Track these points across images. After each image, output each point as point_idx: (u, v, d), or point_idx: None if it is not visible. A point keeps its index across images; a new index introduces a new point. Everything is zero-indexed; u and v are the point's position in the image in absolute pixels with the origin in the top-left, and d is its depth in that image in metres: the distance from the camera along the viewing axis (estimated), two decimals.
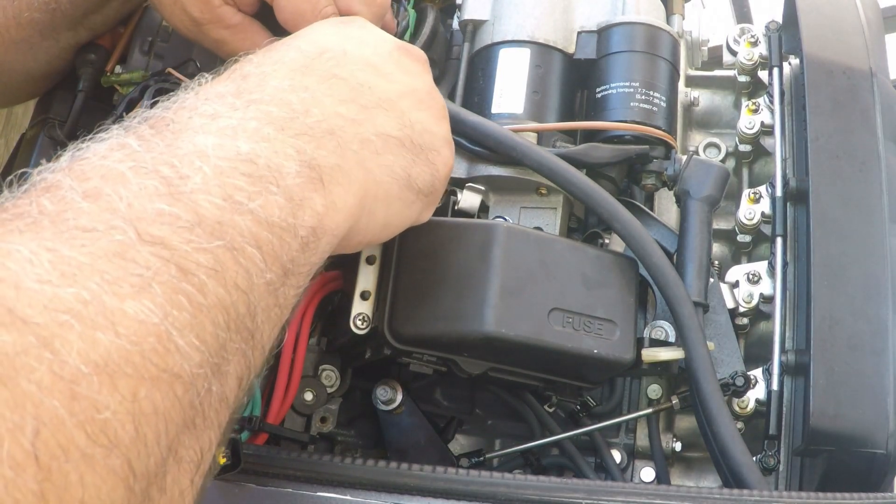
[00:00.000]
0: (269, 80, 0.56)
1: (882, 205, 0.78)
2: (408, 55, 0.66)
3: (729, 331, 0.80)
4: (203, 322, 0.43)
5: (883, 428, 0.71)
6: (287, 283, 0.51)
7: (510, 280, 0.70)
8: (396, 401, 0.79)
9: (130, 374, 0.39)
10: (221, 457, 0.60)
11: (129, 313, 0.40)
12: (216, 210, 0.46)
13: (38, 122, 0.93)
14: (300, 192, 0.52)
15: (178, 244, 0.43)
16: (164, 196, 0.45)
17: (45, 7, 0.83)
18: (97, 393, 0.37)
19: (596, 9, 0.89)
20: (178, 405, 0.41)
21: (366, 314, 0.72)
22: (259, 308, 0.47)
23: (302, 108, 0.55)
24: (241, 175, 0.49)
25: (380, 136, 0.60)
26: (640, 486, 0.76)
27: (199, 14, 0.74)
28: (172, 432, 0.41)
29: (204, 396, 0.43)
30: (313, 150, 0.54)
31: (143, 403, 0.39)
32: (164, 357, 0.40)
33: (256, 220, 0.48)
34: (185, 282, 0.43)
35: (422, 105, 0.64)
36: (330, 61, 0.60)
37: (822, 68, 0.85)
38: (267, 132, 0.52)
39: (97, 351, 0.38)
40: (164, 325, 0.41)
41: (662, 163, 0.82)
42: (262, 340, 0.49)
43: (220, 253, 0.45)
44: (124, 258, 0.41)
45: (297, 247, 0.51)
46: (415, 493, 0.63)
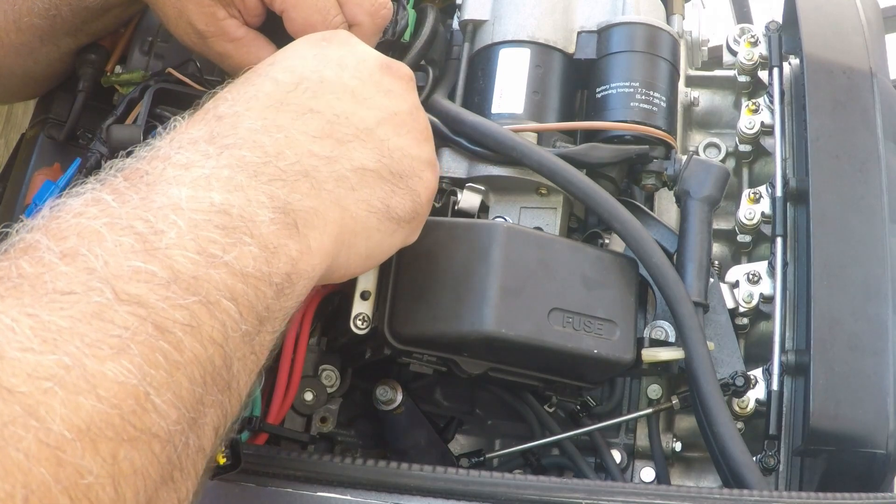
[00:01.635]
0: (242, 121, 0.56)
1: (882, 205, 0.78)
2: (390, 74, 0.65)
3: (729, 331, 0.80)
4: (179, 379, 0.44)
5: (883, 428, 0.71)
6: (263, 331, 0.51)
7: (510, 280, 0.70)
8: (396, 401, 0.79)
9: (111, 437, 0.40)
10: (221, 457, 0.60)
11: (109, 376, 0.41)
12: (191, 265, 0.47)
13: (38, 122, 0.93)
14: (274, 240, 0.52)
15: (155, 301, 0.44)
16: (139, 253, 0.46)
17: (45, 13, 0.83)
18: (80, 458, 0.39)
19: (596, 9, 0.89)
20: (156, 462, 0.42)
21: (366, 314, 0.72)
22: (235, 358, 0.48)
23: (275, 151, 0.55)
24: (215, 227, 0.49)
25: (356, 171, 0.59)
26: (640, 486, 0.76)
27: (203, 27, 0.74)
28: (151, 489, 0.42)
29: (181, 451, 0.44)
30: (286, 194, 0.54)
31: (122, 465, 0.40)
32: (142, 417, 0.42)
33: (231, 272, 0.48)
34: (162, 340, 0.44)
35: (402, 129, 0.64)
36: (306, 93, 0.60)
37: (822, 68, 0.85)
38: (240, 180, 0.52)
39: (80, 416, 0.39)
40: (143, 386, 0.42)
41: (662, 163, 0.82)
42: (239, 389, 0.50)
43: (195, 308, 0.46)
44: (102, 319, 0.42)
45: (272, 294, 0.51)
46: (415, 493, 0.63)
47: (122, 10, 0.88)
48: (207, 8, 0.73)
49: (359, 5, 0.74)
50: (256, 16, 0.75)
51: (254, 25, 0.76)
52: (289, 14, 0.73)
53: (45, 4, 0.83)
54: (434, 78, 0.87)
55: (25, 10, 0.83)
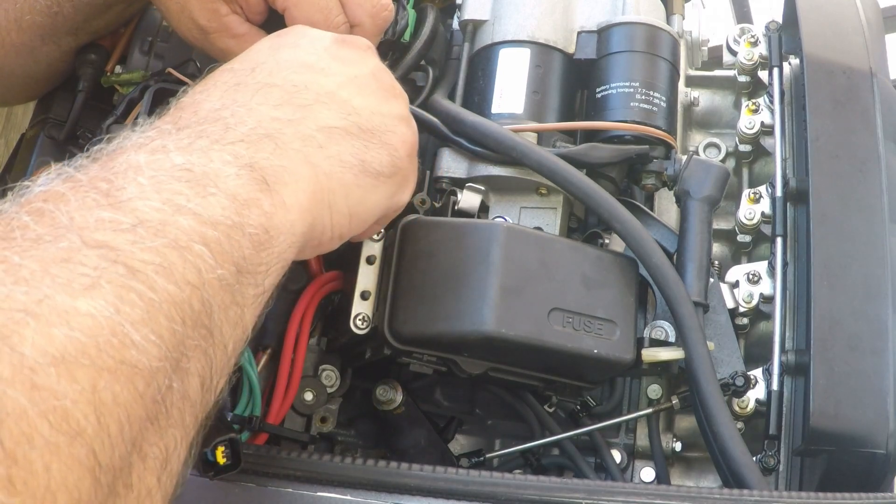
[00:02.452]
0: (202, 105, 0.57)
1: (882, 205, 0.78)
2: (345, 45, 0.66)
3: (729, 331, 0.80)
4: (157, 317, 0.44)
5: (883, 428, 0.71)
6: (243, 282, 0.50)
7: (510, 280, 0.70)
8: (396, 401, 0.79)
9: (87, 364, 0.40)
10: (221, 457, 0.60)
11: (82, 310, 0.41)
12: (156, 213, 0.47)
13: (38, 122, 0.93)
14: (243, 193, 0.52)
15: (123, 245, 0.44)
16: (103, 206, 0.46)
17: (46, 11, 0.83)
18: (56, 383, 0.38)
19: (596, 9, 0.89)
20: (140, 399, 0.42)
21: (366, 314, 0.72)
22: (215, 304, 0.48)
23: (235, 121, 0.55)
24: (178, 181, 0.49)
25: (322, 130, 0.59)
26: (640, 486, 0.76)
27: (206, 23, 0.74)
28: (136, 426, 0.42)
29: (165, 392, 0.44)
30: (251, 153, 0.54)
31: (103, 394, 0.40)
32: (121, 350, 0.41)
33: (199, 219, 0.48)
34: (134, 279, 0.43)
35: (365, 89, 0.64)
36: (262, 73, 0.60)
37: (822, 68, 0.85)
38: (200, 144, 0.52)
39: (53, 345, 0.39)
40: (118, 319, 0.42)
41: (662, 163, 0.82)
42: (223, 339, 0.49)
43: (165, 251, 0.45)
44: (72, 261, 0.42)
45: (248, 245, 0.51)
46: (415, 493, 0.63)
47: (124, 7, 0.88)
48: (210, 4, 0.73)
49: (360, 6, 0.74)
50: (259, 13, 0.75)
51: (256, 22, 0.76)
52: (291, 12, 0.73)
53: (46, 2, 0.83)
54: (434, 78, 0.87)
55: (27, 8, 0.83)
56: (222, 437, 0.61)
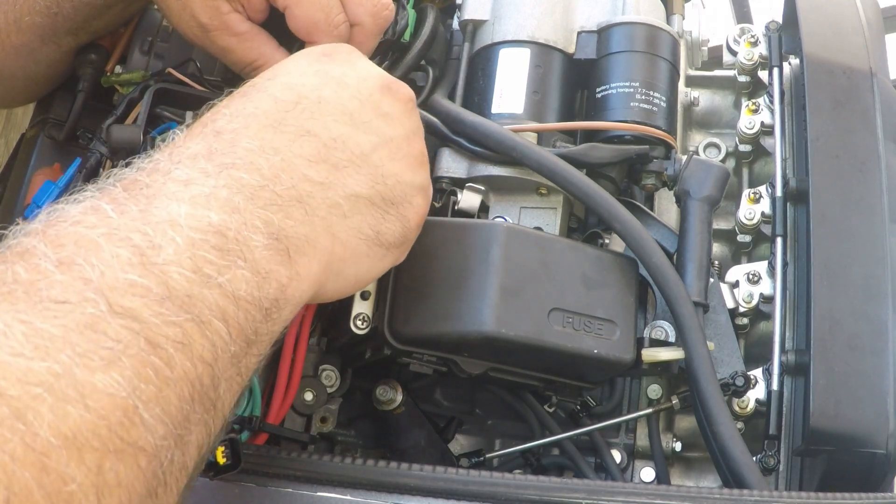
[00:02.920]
0: (240, 139, 0.56)
1: (882, 205, 0.78)
2: (390, 95, 0.65)
3: (729, 331, 0.80)
4: (169, 396, 0.44)
5: (883, 428, 0.71)
6: (249, 353, 0.52)
7: (510, 280, 0.70)
8: (396, 401, 0.79)
9: (97, 447, 0.40)
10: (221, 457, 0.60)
11: (99, 387, 0.41)
12: (186, 283, 0.47)
13: (38, 123, 0.93)
14: (266, 265, 0.52)
15: (148, 317, 0.45)
16: (136, 266, 0.46)
17: (46, 11, 0.83)
18: (65, 466, 0.39)
19: (596, 9, 0.89)
20: (142, 476, 0.43)
21: (366, 314, 0.72)
22: (222, 379, 0.49)
23: (271, 174, 0.56)
24: (212, 248, 0.49)
25: (349, 198, 0.60)
26: (640, 486, 0.76)
27: (207, 20, 0.74)
28: (136, 502, 0.42)
29: (167, 467, 0.45)
30: (281, 220, 0.54)
31: (107, 476, 0.41)
32: (130, 430, 0.42)
33: (224, 293, 0.49)
34: (154, 355, 0.44)
35: (397, 155, 0.64)
36: (304, 113, 0.60)
37: (822, 68, 0.85)
38: (237, 202, 0.53)
39: (67, 424, 0.40)
40: (132, 399, 0.42)
41: (662, 163, 0.82)
42: (224, 409, 0.50)
43: (188, 326, 0.46)
44: (95, 331, 0.43)
45: (260, 318, 0.52)
46: (415, 493, 0.63)
47: (124, 7, 0.87)
48: (211, 2, 0.73)
49: (361, 5, 0.74)
50: (260, 11, 0.75)
51: (257, 21, 0.76)
52: (292, 11, 0.73)
53: (46, 2, 0.82)
54: (434, 78, 0.87)
55: (26, 9, 0.83)
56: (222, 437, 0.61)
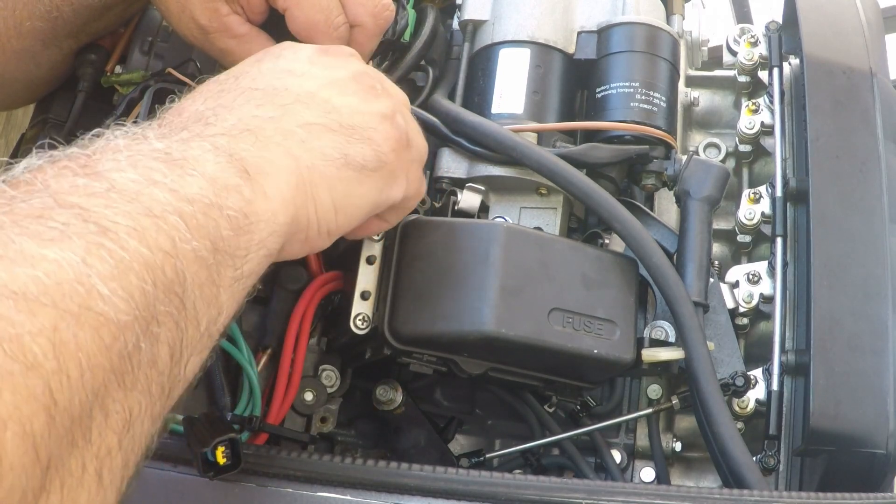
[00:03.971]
0: (186, 108, 0.58)
1: (882, 205, 0.78)
2: (326, 53, 0.66)
3: (729, 331, 0.80)
4: (126, 275, 0.43)
5: (883, 428, 0.71)
6: (220, 262, 0.50)
7: (510, 280, 0.70)
8: (396, 401, 0.79)
9: (48, 304, 0.39)
10: (222, 457, 0.60)
11: (49, 256, 0.41)
12: (131, 183, 0.47)
13: (38, 123, 0.93)
14: (223, 178, 0.52)
15: (95, 207, 0.44)
16: (79, 174, 0.46)
17: (46, 15, 0.83)
18: (13, 314, 0.38)
19: (596, 9, 0.89)
20: (105, 349, 0.41)
21: (366, 314, 0.72)
22: (188, 276, 0.47)
23: (216, 119, 0.56)
24: (155, 160, 0.49)
25: (303, 126, 0.60)
26: (640, 486, 0.76)
27: (206, 22, 0.74)
28: (99, 376, 0.41)
29: (132, 351, 0.43)
30: (231, 144, 0.54)
31: (63, 334, 0.39)
32: (86, 298, 0.41)
33: (175, 195, 0.48)
34: (105, 237, 0.43)
35: (346, 90, 0.64)
36: (245, 80, 0.61)
37: (822, 68, 0.85)
38: (181, 136, 0.53)
39: (15, 282, 0.39)
40: (85, 270, 0.41)
41: (662, 163, 0.82)
42: (196, 314, 0.48)
43: (138, 216, 0.45)
44: (43, 217, 0.42)
45: (226, 226, 0.51)
46: (415, 493, 0.63)
47: (123, 9, 0.87)
48: (211, 3, 0.73)
49: (361, 5, 0.74)
50: (259, 13, 0.75)
51: (256, 23, 0.76)
52: (292, 12, 0.73)
53: (45, 7, 0.82)
54: (434, 78, 0.87)
55: (26, 14, 0.83)
56: (222, 437, 0.61)
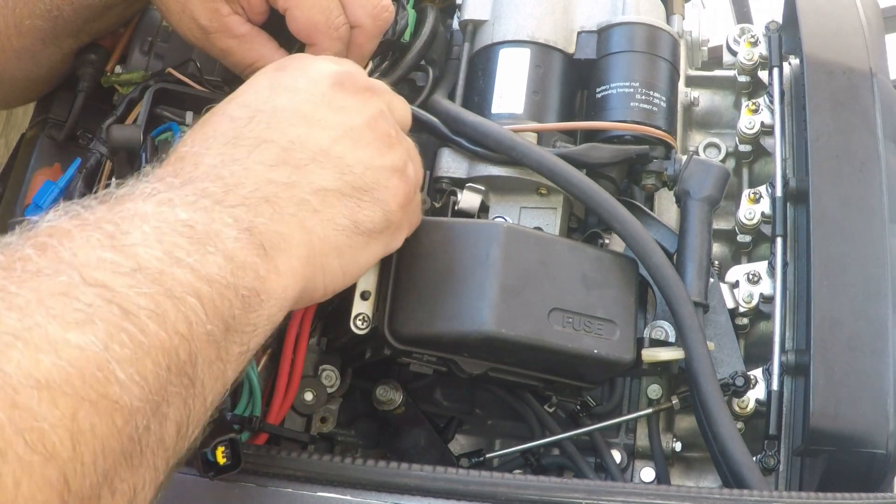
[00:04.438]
0: (202, 159, 0.58)
1: (882, 205, 0.78)
2: (342, 90, 0.65)
3: (729, 331, 0.80)
4: (144, 360, 0.45)
5: (883, 428, 0.71)
6: (230, 340, 0.52)
7: (510, 280, 0.70)
8: (396, 401, 0.79)
9: (70, 393, 0.41)
10: (221, 457, 0.60)
11: (72, 342, 0.42)
12: (156, 262, 0.48)
13: (38, 123, 0.93)
14: (240, 255, 0.53)
15: (120, 288, 0.46)
16: (106, 248, 0.47)
17: (46, 14, 0.83)
18: (36, 405, 0.39)
19: (596, 9, 0.89)
20: (117, 434, 0.43)
21: (366, 314, 0.72)
22: (200, 357, 0.49)
23: (234, 182, 0.57)
24: (180, 236, 0.51)
25: (316, 193, 0.60)
26: (640, 486, 0.76)
27: (207, 22, 0.74)
28: (110, 459, 0.43)
29: (142, 433, 0.45)
30: (251, 218, 0.55)
31: (81, 423, 0.41)
32: (105, 385, 0.43)
33: (196, 274, 0.50)
34: (127, 321, 0.45)
35: (361, 142, 0.63)
36: (259, 125, 0.61)
37: (822, 68, 0.85)
38: (204, 204, 0.54)
39: (39, 370, 0.40)
40: (106, 356, 0.43)
41: (662, 163, 0.82)
42: (204, 392, 0.50)
43: (160, 299, 0.47)
44: (68, 296, 0.44)
45: (239, 305, 0.52)
46: (415, 493, 0.63)
47: (124, 8, 0.87)
48: (211, 4, 0.73)
49: (361, 7, 0.74)
50: (260, 13, 0.75)
51: (257, 23, 0.76)
52: (292, 13, 0.73)
53: (46, 6, 0.82)
54: (434, 78, 0.87)
55: (27, 12, 0.83)
56: (222, 437, 0.61)
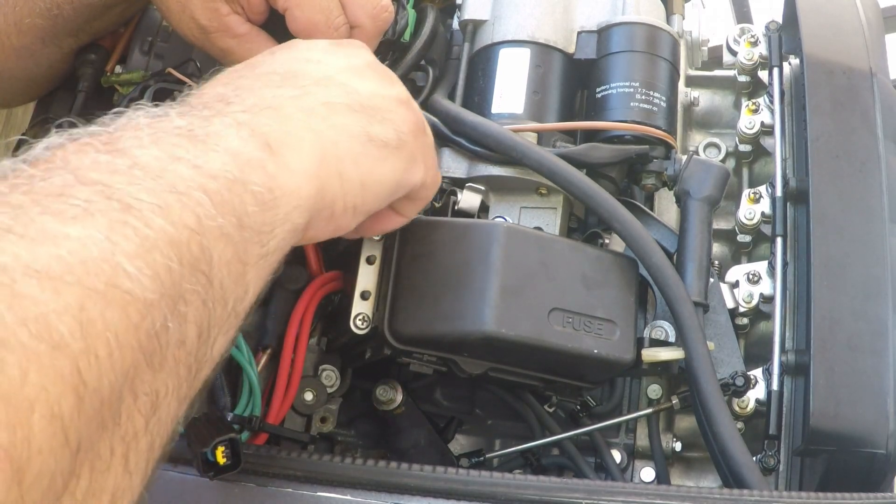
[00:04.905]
0: (206, 91, 0.57)
1: (882, 205, 0.78)
2: (339, 45, 0.66)
3: (729, 331, 0.80)
4: (152, 253, 0.42)
5: (883, 428, 0.71)
6: (246, 238, 0.49)
7: (510, 280, 0.70)
8: (396, 401, 0.79)
9: (73, 283, 0.37)
10: (222, 457, 0.60)
11: (72, 234, 0.39)
12: (155, 161, 0.45)
13: (38, 123, 0.93)
14: (246, 152, 0.51)
15: (119, 184, 0.43)
16: (101, 151, 0.45)
17: (47, 13, 0.83)
18: (39, 293, 0.36)
19: (596, 9, 0.89)
20: (133, 329, 0.40)
21: (366, 314, 0.72)
22: (214, 253, 0.46)
23: (237, 97, 0.55)
24: (178, 137, 0.48)
25: (325, 105, 0.59)
26: (640, 486, 0.76)
27: (206, 22, 0.74)
28: (128, 357, 0.39)
29: (160, 330, 0.41)
30: (253, 120, 0.53)
31: (90, 313, 0.38)
32: (112, 277, 0.39)
33: (199, 171, 0.47)
34: (129, 215, 0.42)
35: (363, 75, 0.64)
36: (262, 67, 0.61)
37: (822, 68, 0.85)
38: (203, 113, 0.52)
39: (38, 261, 0.37)
40: (110, 248, 0.40)
41: (662, 163, 0.82)
42: (224, 292, 0.47)
43: (163, 193, 0.44)
44: (64, 195, 0.41)
45: (251, 201, 0.50)
46: (415, 493, 0.63)
47: (124, 8, 0.87)
48: (211, 3, 0.73)
49: (361, 7, 0.74)
50: (260, 13, 0.75)
51: (257, 23, 0.76)
52: (292, 13, 0.73)
53: (46, 4, 0.82)
54: (434, 78, 0.87)
55: (27, 11, 0.83)
56: (222, 437, 0.61)
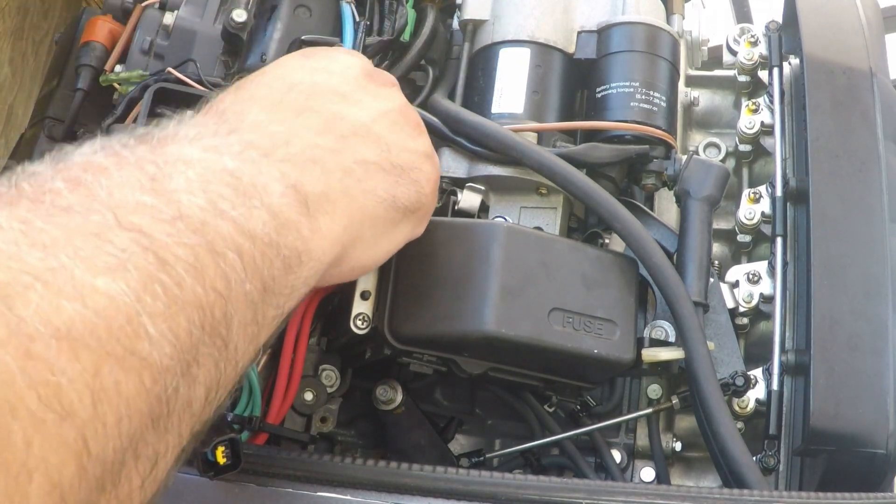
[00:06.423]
0: (246, 113, 0.57)
1: (882, 205, 0.78)
2: (373, 80, 0.66)
3: (729, 331, 0.80)
4: (177, 315, 0.41)
5: (883, 428, 0.71)
6: (266, 302, 0.49)
7: (510, 280, 0.70)
8: (396, 401, 0.79)
9: (94, 347, 0.37)
10: (222, 457, 0.60)
11: (100, 288, 0.38)
12: (199, 211, 0.45)
13: (38, 122, 0.93)
14: (285, 213, 0.51)
15: (158, 235, 0.42)
16: (146, 190, 0.44)
17: None
18: (54, 356, 0.35)
19: (596, 9, 0.89)
20: (145, 394, 0.39)
21: (366, 314, 0.72)
22: (235, 318, 0.46)
23: (282, 139, 0.56)
24: (225, 185, 0.48)
25: (360, 164, 0.60)
26: (640, 486, 0.76)
27: None
28: (136, 422, 0.39)
29: (171, 394, 0.41)
30: (298, 175, 0.54)
31: (104, 380, 0.37)
32: (133, 340, 0.39)
33: (239, 229, 0.47)
34: (163, 272, 0.41)
35: (396, 126, 0.64)
36: (300, 95, 0.61)
37: (822, 68, 0.85)
38: (251, 155, 0.52)
39: (60, 317, 0.36)
40: (137, 307, 0.39)
41: (662, 163, 0.82)
42: (236, 355, 0.47)
43: (200, 252, 0.44)
44: (101, 238, 0.40)
45: (279, 266, 0.50)
46: (415, 493, 0.63)
47: None
48: None
49: None
50: None
51: None
52: None
53: None
54: (434, 78, 0.87)
55: None
56: (222, 437, 0.61)
